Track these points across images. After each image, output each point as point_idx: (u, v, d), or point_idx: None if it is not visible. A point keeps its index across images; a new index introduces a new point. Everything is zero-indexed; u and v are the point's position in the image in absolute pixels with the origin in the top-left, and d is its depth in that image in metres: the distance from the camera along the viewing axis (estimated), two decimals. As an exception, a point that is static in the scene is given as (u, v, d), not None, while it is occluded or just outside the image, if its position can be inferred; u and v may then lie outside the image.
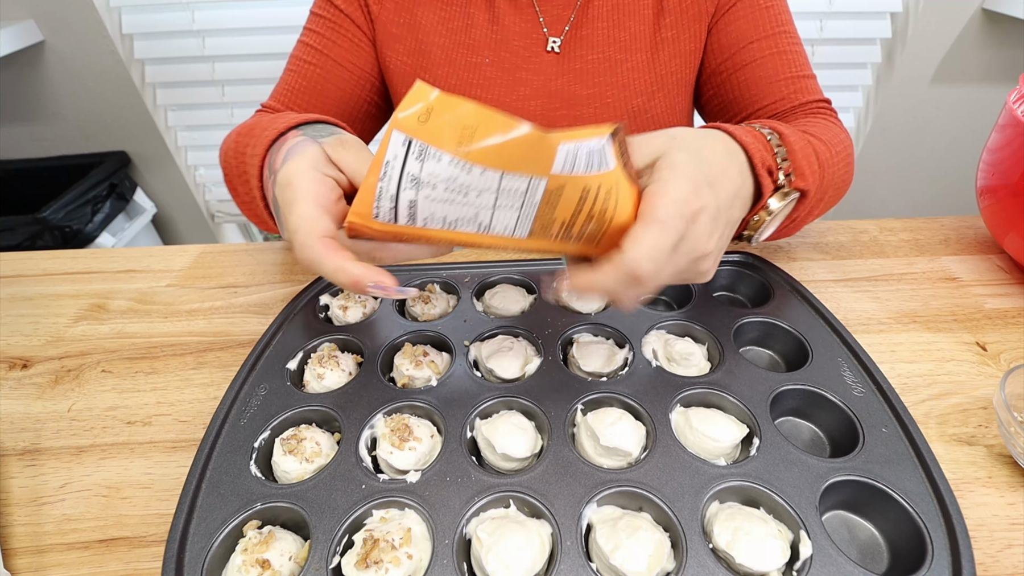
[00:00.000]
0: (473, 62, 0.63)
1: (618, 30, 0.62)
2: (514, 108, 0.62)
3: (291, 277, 0.62)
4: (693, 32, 0.62)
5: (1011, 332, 0.50)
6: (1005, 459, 0.39)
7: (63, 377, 0.50)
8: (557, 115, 0.64)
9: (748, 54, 0.61)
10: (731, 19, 0.61)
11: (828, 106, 0.61)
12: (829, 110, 0.61)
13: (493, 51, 0.63)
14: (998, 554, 0.34)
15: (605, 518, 0.33)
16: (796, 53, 0.61)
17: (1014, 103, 0.52)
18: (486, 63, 0.63)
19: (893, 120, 1.45)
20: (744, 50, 0.61)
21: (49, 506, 0.39)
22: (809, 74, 0.62)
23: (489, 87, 0.63)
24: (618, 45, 0.62)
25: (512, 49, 0.62)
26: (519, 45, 0.62)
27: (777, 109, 0.61)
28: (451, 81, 0.63)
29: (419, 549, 0.32)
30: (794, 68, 0.61)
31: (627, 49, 0.62)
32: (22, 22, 1.25)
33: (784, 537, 0.32)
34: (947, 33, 1.30)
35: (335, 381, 0.44)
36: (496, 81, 0.63)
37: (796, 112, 0.60)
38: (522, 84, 0.63)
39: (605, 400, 0.41)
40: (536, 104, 0.63)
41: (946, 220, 0.66)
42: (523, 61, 0.63)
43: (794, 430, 0.42)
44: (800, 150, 0.44)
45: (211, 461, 0.38)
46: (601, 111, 0.63)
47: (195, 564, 0.32)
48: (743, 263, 0.56)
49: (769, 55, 0.61)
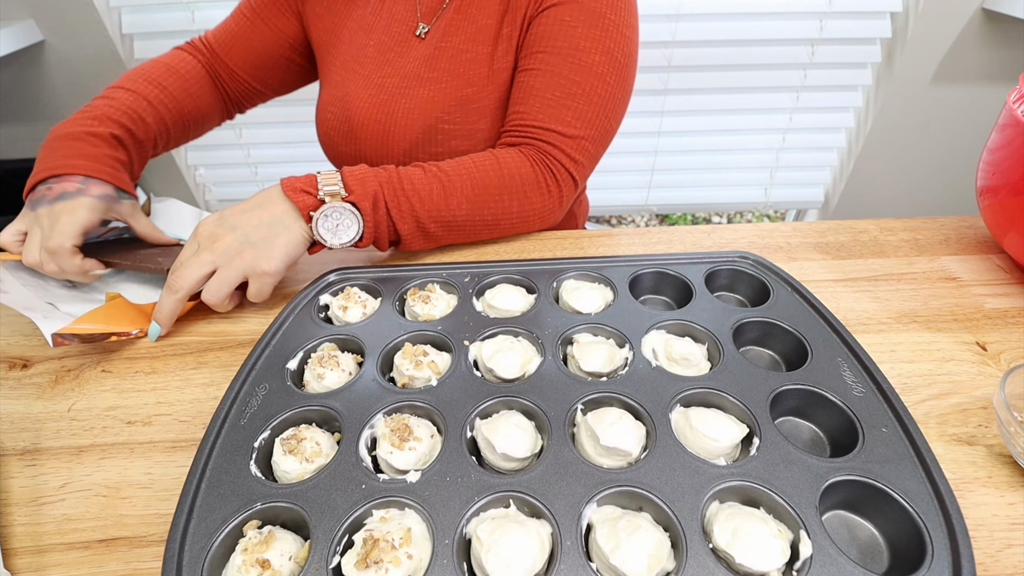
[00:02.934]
0: (362, 43, 0.72)
1: (469, 22, 0.67)
2: (377, 84, 0.70)
3: (291, 277, 0.62)
4: (524, 30, 0.66)
5: (1011, 332, 0.50)
6: (1005, 459, 0.39)
7: (63, 377, 0.50)
8: (410, 93, 0.68)
9: (531, 61, 0.64)
10: (538, 23, 0.64)
11: (555, 143, 0.62)
12: (551, 145, 0.62)
13: (378, 34, 0.71)
14: (998, 554, 0.34)
15: (605, 518, 0.33)
16: (569, 81, 0.62)
17: (1014, 103, 0.52)
18: (370, 44, 0.71)
19: (893, 120, 1.45)
20: (530, 56, 0.64)
21: (49, 506, 0.39)
22: (569, 104, 0.62)
23: (366, 63, 0.71)
24: (464, 36, 0.67)
25: (391, 33, 0.71)
26: (398, 31, 0.70)
27: (514, 122, 0.65)
28: (344, 59, 0.73)
29: (419, 549, 0.32)
30: (553, 92, 0.62)
31: (472, 40, 0.67)
32: (22, 22, 1.25)
33: (784, 537, 0.32)
34: (947, 33, 1.30)
35: (335, 381, 0.44)
36: (372, 60, 0.71)
37: (519, 132, 0.64)
38: (388, 64, 0.70)
39: (605, 400, 0.41)
40: (392, 83, 0.69)
41: (946, 220, 0.66)
42: (395, 44, 0.70)
43: (794, 430, 0.42)
44: (355, 176, 0.55)
45: (211, 461, 0.38)
46: (437, 94, 0.67)
47: (195, 564, 0.32)
48: (743, 263, 0.56)
49: (542, 70, 0.63)
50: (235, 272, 0.52)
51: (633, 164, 1.55)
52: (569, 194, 0.65)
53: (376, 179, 0.55)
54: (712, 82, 1.41)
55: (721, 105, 1.46)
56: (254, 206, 0.54)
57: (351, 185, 0.54)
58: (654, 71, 1.38)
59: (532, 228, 0.65)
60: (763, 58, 1.37)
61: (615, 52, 0.63)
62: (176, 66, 0.73)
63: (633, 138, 1.49)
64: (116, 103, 0.65)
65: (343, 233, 0.55)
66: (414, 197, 0.56)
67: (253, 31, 0.77)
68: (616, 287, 0.53)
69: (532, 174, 0.62)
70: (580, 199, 0.92)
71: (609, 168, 1.53)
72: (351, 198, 0.54)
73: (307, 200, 0.53)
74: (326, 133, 0.75)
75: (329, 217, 0.54)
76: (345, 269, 0.57)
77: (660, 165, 1.55)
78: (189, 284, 0.51)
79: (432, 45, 0.68)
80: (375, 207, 0.55)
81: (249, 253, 0.52)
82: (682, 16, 1.30)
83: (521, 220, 0.62)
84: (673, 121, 1.47)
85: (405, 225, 0.57)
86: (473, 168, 0.60)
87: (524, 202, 0.62)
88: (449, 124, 0.68)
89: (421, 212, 0.57)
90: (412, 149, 0.69)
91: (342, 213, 0.54)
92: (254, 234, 0.53)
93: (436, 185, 0.58)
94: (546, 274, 0.55)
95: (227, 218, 0.53)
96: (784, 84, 1.42)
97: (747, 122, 1.49)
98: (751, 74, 1.40)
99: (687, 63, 1.37)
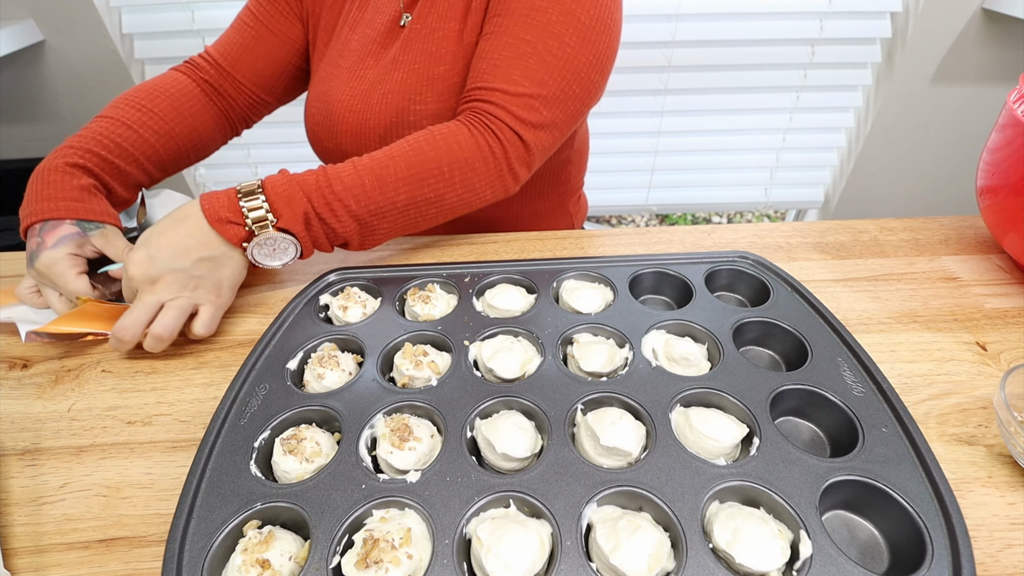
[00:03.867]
0: (347, 37, 0.71)
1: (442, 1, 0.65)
2: (358, 75, 0.69)
3: (291, 277, 0.62)
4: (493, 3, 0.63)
5: (1011, 332, 0.50)
6: (1005, 459, 0.39)
7: (63, 377, 0.50)
8: (386, 79, 0.67)
9: (487, 27, 0.61)
10: None
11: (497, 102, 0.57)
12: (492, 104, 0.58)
13: (362, 28, 0.70)
14: (998, 554, 0.34)
15: (605, 518, 0.33)
16: (519, 40, 0.57)
17: (1014, 103, 0.52)
18: (354, 39, 0.71)
19: (893, 120, 1.45)
20: (487, 22, 0.61)
21: (49, 506, 0.39)
22: (516, 63, 0.57)
23: (349, 56, 0.71)
24: (437, 14, 0.65)
25: (375, 26, 0.69)
26: (381, 22, 0.69)
27: (472, 85, 0.60)
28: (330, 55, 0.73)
29: (419, 549, 0.32)
30: (502, 52, 0.58)
31: (443, 18, 0.65)
32: (22, 22, 1.25)
33: (784, 537, 0.32)
34: (947, 33, 1.30)
35: (335, 381, 0.44)
36: (355, 53, 0.70)
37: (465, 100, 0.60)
38: (370, 56, 0.69)
39: (605, 400, 0.41)
40: (373, 73, 0.68)
41: (946, 220, 0.66)
42: (379, 36, 0.69)
43: (794, 430, 0.42)
44: (280, 195, 0.51)
45: (211, 461, 0.38)
46: (409, 76, 0.66)
47: (195, 564, 0.32)
48: (743, 263, 0.56)
49: (494, 33, 0.59)
50: (187, 302, 0.51)
51: (633, 164, 1.55)
52: (518, 156, 0.59)
53: (302, 192, 0.52)
54: (712, 82, 1.41)
55: (721, 105, 1.46)
56: (182, 238, 0.50)
57: (277, 208, 0.51)
58: (654, 71, 1.38)
59: (485, 198, 0.59)
60: (763, 58, 1.37)
61: (578, 15, 0.57)
62: (163, 86, 0.69)
63: (633, 138, 1.49)
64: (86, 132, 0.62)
65: (281, 255, 0.53)
66: (348, 197, 0.53)
67: (259, 41, 0.74)
68: (616, 287, 0.53)
69: (470, 139, 0.57)
70: (578, 199, 0.91)
71: (609, 168, 1.53)
72: (281, 224, 0.51)
73: (236, 232, 0.51)
74: (312, 130, 0.75)
75: (264, 246, 0.52)
76: (345, 269, 0.57)
77: (660, 165, 1.55)
78: (135, 333, 0.49)
79: (411, 28, 0.67)
80: (308, 226, 0.52)
81: (198, 287, 0.51)
82: (682, 16, 1.30)
83: (469, 191, 0.57)
84: (673, 121, 1.47)
85: (346, 228, 0.54)
86: (407, 148, 0.56)
87: (467, 171, 0.57)
88: (421, 105, 0.65)
89: (359, 210, 0.53)
90: (387, 135, 0.67)
91: (275, 241, 0.52)
92: (196, 269, 0.51)
93: (368, 177, 0.54)
94: (546, 274, 0.55)
95: (156, 256, 0.50)
96: (784, 84, 1.42)
97: (747, 122, 1.49)
98: (751, 74, 1.40)
99: (687, 63, 1.37)
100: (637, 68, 1.36)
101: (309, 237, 0.53)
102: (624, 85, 1.37)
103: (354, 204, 0.53)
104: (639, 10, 1.28)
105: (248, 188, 0.51)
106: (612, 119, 1.43)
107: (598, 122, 1.37)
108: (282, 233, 0.52)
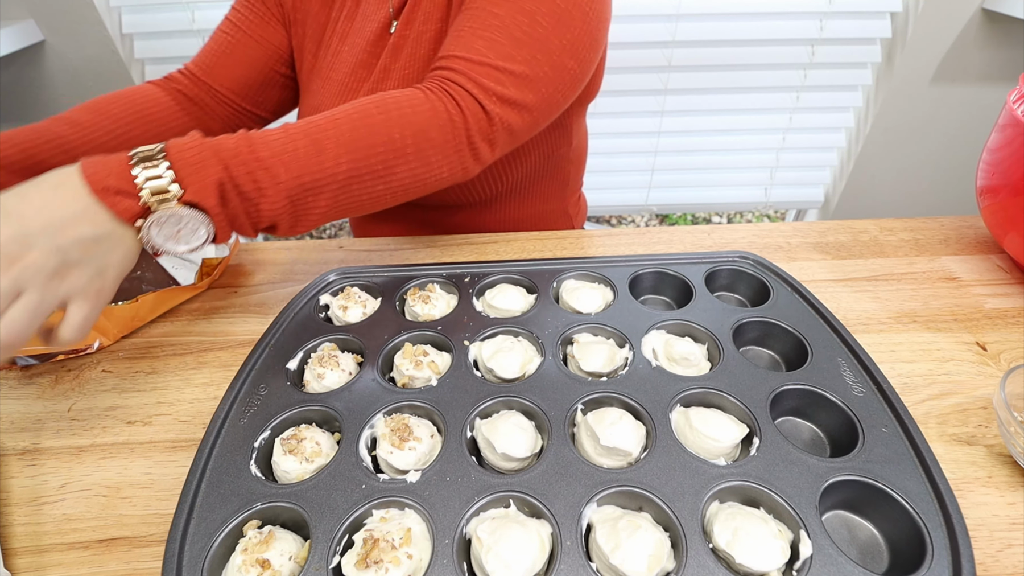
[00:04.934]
0: (336, 49, 0.69)
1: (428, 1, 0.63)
2: (351, 88, 0.67)
3: (291, 277, 0.62)
4: None
5: (1011, 332, 0.50)
6: (1005, 459, 0.39)
7: (63, 377, 0.50)
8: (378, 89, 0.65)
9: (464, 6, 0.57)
10: None
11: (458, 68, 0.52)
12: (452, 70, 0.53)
13: (352, 38, 0.68)
14: (998, 554, 0.34)
15: (605, 518, 0.33)
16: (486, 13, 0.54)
17: (1014, 103, 0.52)
18: (344, 50, 0.68)
19: (893, 120, 1.45)
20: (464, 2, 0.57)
21: (49, 506, 0.39)
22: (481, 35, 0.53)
23: (340, 69, 0.69)
24: (423, 16, 0.63)
25: (365, 35, 0.67)
26: (371, 31, 0.67)
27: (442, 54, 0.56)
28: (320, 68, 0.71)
29: (419, 549, 0.32)
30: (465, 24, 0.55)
31: (429, 19, 0.63)
32: (22, 22, 1.25)
33: (784, 537, 0.32)
34: (947, 33, 1.30)
35: (335, 381, 0.44)
36: (346, 64, 0.68)
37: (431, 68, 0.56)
38: (363, 67, 0.67)
39: (605, 400, 0.41)
40: (366, 86, 0.67)
41: (946, 220, 0.66)
42: (370, 46, 0.67)
43: (794, 430, 0.42)
44: (188, 160, 0.41)
45: (211, 461, 0.38)
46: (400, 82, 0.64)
47: (195, 564, 0.32)
48: (743, 263, 0.56)
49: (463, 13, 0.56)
50: (52, 298, 0.37)
51: (633, 164, 1.55)
52: (479, 128, 0.51)
53: (217, 157, 0.41)
54: (712, 82, 1.41)
55: (721, 105, 1.46)
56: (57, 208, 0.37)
57: (185, 177, 0.40)
58: (654, 71, 1.38)
59: (441, 176, 0.51)
60: (763, 58, 1.37)
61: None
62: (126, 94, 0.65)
63: (633, 138, 1.49)
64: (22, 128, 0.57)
65: (188, 238, 0.42)
66: (276, 165, 0.43)
67: (237, 46, 0.71)
68: (616, 287, 0.53)
69: (426, 103, 0.49)
70: (578, 200, 0.91)
71: (609, 168, 1.53)
72: (188, 197, 0.40)
73: (128, 205, 0.39)
74: None
75: (164, 225, 0.40)
76: (345, 269, 0.57)
77: (660, 165, 1.55)
78: None
79: (397, 35, 0.65)
80: (223, 200, 0.42)
81: (67, 276, 0.38)
82: (682, 16, 1.30)
83: (422, 164, 0.49)
84: (673, 121, 1.47)
85: (273, 205, 0.43)
86: (351, 111, 0.47)
87: (421, 140, 0.48)
88: None
89: (289, 181, 0.43)
90: None
91: (179, 219, 0.40)
92: (73, 251, 0.37)
93: (303, 141, 0.44)
94: (546, 274, 0.55)
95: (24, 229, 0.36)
96: (784, 84, 1.42)
97: (747, 122, 1.49)
98: (751, 74, 1.40)
99: (687, 63, 1.37)
100: (637, 68, 1.36)
101: (225, 215, 0.42)
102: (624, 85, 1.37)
103: (284, 174, 0.43)
104: (639, 10, 1.27)
105: (147, 152, 0.40)
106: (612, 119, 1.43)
107: (598, 122, 1.37)
108: (190, 209, 0.40)
